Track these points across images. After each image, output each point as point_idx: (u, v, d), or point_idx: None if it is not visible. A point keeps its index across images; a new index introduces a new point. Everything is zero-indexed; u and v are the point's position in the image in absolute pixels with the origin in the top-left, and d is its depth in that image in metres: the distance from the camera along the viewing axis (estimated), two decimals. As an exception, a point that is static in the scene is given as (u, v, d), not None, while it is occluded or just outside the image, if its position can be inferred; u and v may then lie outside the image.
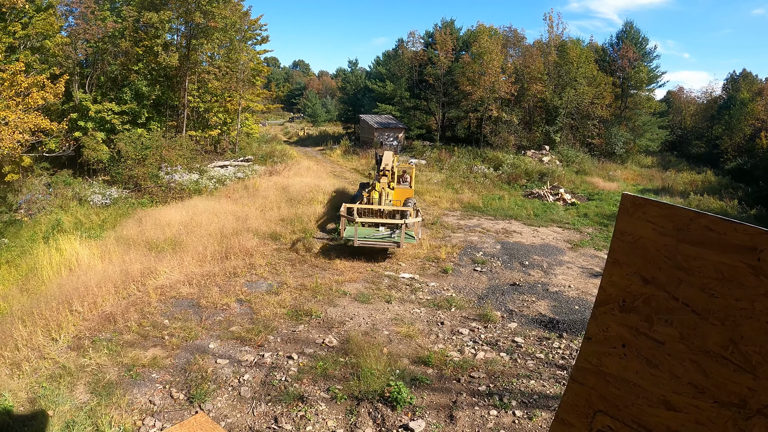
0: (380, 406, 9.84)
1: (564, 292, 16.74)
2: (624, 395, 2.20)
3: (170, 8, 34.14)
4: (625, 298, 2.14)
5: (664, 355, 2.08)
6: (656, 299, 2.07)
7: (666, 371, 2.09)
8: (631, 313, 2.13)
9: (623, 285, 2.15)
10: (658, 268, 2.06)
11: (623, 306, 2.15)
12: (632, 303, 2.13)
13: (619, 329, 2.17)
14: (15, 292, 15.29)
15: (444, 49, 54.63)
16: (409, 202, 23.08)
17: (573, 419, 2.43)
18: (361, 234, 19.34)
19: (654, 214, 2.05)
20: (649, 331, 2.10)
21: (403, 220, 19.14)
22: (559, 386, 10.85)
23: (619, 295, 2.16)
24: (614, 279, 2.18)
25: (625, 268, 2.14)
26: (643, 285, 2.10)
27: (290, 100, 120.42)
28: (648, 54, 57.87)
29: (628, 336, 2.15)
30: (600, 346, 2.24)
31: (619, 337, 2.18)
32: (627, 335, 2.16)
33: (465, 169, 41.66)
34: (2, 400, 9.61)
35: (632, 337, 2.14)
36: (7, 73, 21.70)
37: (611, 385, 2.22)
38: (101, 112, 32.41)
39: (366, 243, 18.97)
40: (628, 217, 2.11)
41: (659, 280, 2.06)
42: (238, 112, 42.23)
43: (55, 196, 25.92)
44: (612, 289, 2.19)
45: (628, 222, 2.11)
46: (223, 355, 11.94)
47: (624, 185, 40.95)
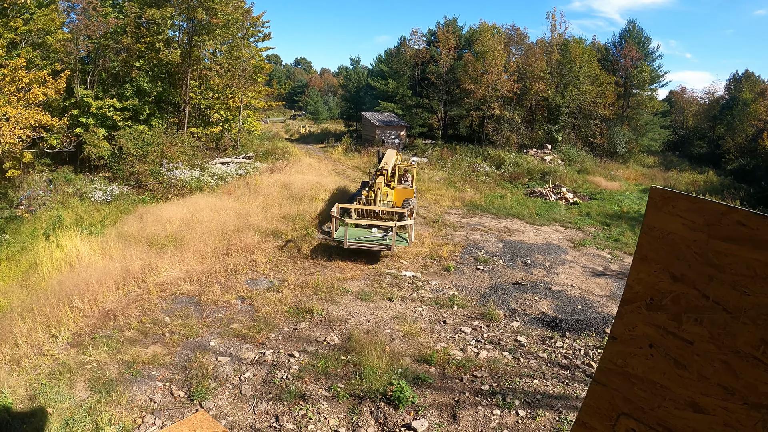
0: (382, 405, 9.76)
1: (566, 292, 16.66)
2: (650, 397, 2.11)
3: (172, 4, 34.06)
4: (653, 296, 2.05)
5: (693, 356, 1.99)
6: (685, 297, 1.98)
7: (694, 372, 2.00)
8: (658, 312, 2.04)
9: (651, 282, 2.05)
10: (688, 265, 1.96)
11: (651, 304, 2.06)
12: (660, 301, 2.03)
13: (646, 329, 2.08)
14: (15, 288, 15.21)
15: (446, 47, 54.52)
16: (409, 202, 22.67)
17: (595, 423, 2.32)
18: (354, 235, 19.19)
19: (684, 208, 1.96)
20: (678, 330, 2.01)
21: (394, 223, 18.89)
22: (562, 386, 10.78)
23: (646, 293, 2.06)
24: (642, 276, 2.08)
25: (653, 264, 2.04)
26: (672, 282, 2.00)
27: (292, 98, 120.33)
28: (650, 54, 57.72)
29: (655, 336, 2.06)
30: (625, 346, 2.15)
31: (646, 336, 2.09)
32: (654, 335, 2.06)
33: (467, 168, 41.58)
34: (1, 397, 9.54)
35: (660, 336, 2.05)
36: (9, 69, 21.66)
37: (636, 387, 2.13)
38: (102, 109, 32.32)
39: (357, 245, 18.72)
40: (657, 211, 2.01)
41: (689, 277, 1.97)
42: (240, 109, 42.14)
43: (56, 192, 25.84)
44: (639, 286, 2.09)
45: (657, 216, 2.01)
46: (224, 353, 11.86)
47: (626, 185, 40.84)
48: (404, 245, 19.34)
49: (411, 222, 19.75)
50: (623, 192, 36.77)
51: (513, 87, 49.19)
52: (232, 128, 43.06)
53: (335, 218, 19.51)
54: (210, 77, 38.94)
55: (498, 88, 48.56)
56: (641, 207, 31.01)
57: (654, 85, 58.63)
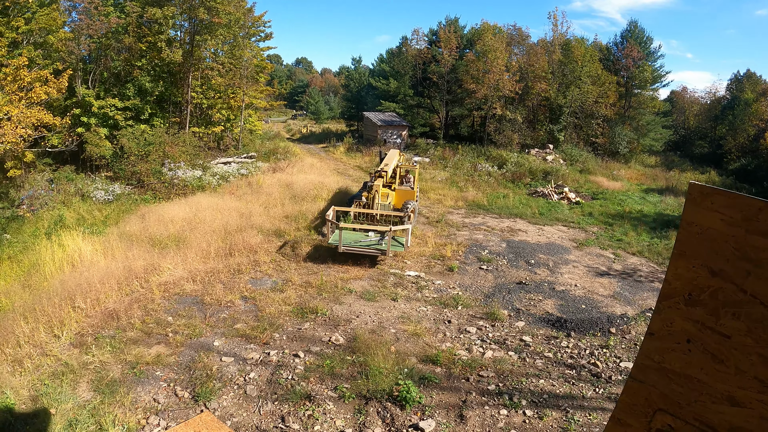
0: (389, 405, 9.70)
1: (570, 291, 16.62)
2: (687, 392, 2.12)
3: (174, 4, 33.98)
4: (692, 291, 2.04)
5: (730, 350, 1.99)
6: (723, 292, 1.98)
7: (732, 366, 2.00)
8: (696, 307, 2.04)
9: (689, 278, 2.04)
10: (726, 260, 1.96)
11: (689, 299, 2.05)
12: (698, 296, 2.03)
13: (684, 324, 2.08)
14: (17, 288, 15.16)
15: (448, 47, 54.46)
16: (409, 204, 22.23)
17: (631, 419, 2.33)
18: (349, 239, 19.00)
19: (722, 203, 1.95)
20: (716, 324, 2.01)
21: (389, 228, 18.46)
22: (569, 386, 10.73)
23: (684, 288, 2.06)
24: (680, 272, 2.08)
25: (691, 260, 2.04)
26: (710, 277, 2.00)
27: (293, 98, 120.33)
28: (652, 53, 57.66)
29: (693, 330, 2.06)
30: (663, 341, 2.14)
31: (684, 331, 2.09)
32: (692, 330, 2.06)
33: (469, 167, 41.55)
34: (4, 398, 9.48)
35: (697, 331, 2.05)
36: (10, 68, 21.61)
37: (673, 383, 2.14)
38: (104, 108, 32.25)
39: (351, 249, 18.35)
40: (696, 207, 2.00)
41: (727, 272, 1.96)
42: (242, 108, 42.10)
43: (58, 191, 25.78)
44: (677, 282, 2.08)
45: (696, 212, 2.00)
46: (228, 353, 11.82)
47: (628, 185, 40.81)
48: (400, 250, 18.91)
49: (408, 226, 19.33)
50: (625, 192, 36.72)
51: (515, 87, 49.13)
52: (234, 128, 43.01)
53: (330, 222, 19.29)
54: (212, 77, 38.86)
55: (500, 88, 48.50)
56: (643, 207, 31.04)
57: (655, 85, 58.60)
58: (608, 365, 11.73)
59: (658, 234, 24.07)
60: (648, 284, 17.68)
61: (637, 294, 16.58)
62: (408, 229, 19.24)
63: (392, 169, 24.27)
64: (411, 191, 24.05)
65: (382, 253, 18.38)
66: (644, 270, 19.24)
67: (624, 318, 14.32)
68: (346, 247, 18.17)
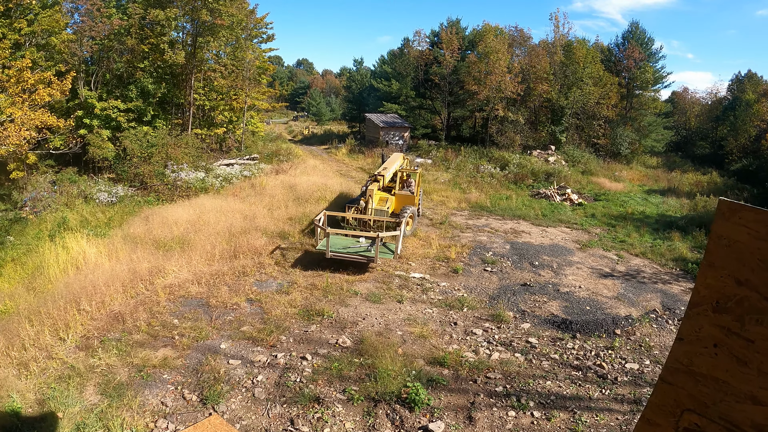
0: (398, 407, 9.74)
1: (575, 293, 16.64)
2: (713, 393, 2.25)
3: (176, 6, 34.02)
4: (719, 299, 2.20)
5: (754, 353, 2.11)
6: (748, 300, 2.11)
7: (754, 368, 2.12)
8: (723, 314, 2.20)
9: (717, 287, 2.20)
10: (752, 271, 2.08)
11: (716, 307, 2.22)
12: (725, 304, 2.18)
13: (712, 329, 2.24)
14: (21, 290, 15.19)
15: (450, 48, 54.51)
16: (407, 210, 21.60)
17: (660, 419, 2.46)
18: (339, 244, 18.58)
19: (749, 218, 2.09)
20: (741, 330, 2.14)
21: (377, 234, 17.64)
22: (575, 387, 10.76)
23: (713, 296, 2.22)
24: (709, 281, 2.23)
25: (719, 270, 2.18)
26: (736, 287, 2.14)
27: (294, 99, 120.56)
28: (653, 54, 57.78)
29: (719, 336, 2.21)
30: (692, 346, 2.31)
31: (711, 336, 2.24)
32: (719, 335, 2.21)
33: (471, 169, 41.59)
34: (10, 402, 9.49)
35: (724, 336, 2.19)
36: (13, 70, 21.66)
37: (701, 384, 2.29)
38: (107, 110, 32.33)
39: (339, 255, 17.79)
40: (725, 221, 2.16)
41: (752, 282, 2.09)
42: (244, 110, 42.15)
43: (61, 193, 25.83)
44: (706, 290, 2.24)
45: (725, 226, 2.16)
46: (235, 356, 11.84)
47: (630, 186, 40.87)
48: (389, 257, 18.29)
49: (397, 232, 18.69)
50: (627, 193, 36.77)
51: (516, 88, 49.14)
52: (236, 129, 43.08)
53: (318, 227, 18.64)
54: (214, 78, 38.92)
55: (501, 89, 48.51)
56: (645, 208, 31.09)
57: (657, 86, 58.70)
58: (614, 366, 11.76)
59: (661, 235, 24.12)
60: (651, 285, 17.71)
61: (640, 295, 16.61)
62: (398, 236, 18.68)
63: (392, 173, 23.97)
64: (411, 196, 23.39)
65: (371, 261, 17.75)
66: (647, 271, 19.27)
67: (628, 319, 14.36)
68: (334, 253, 17.77)
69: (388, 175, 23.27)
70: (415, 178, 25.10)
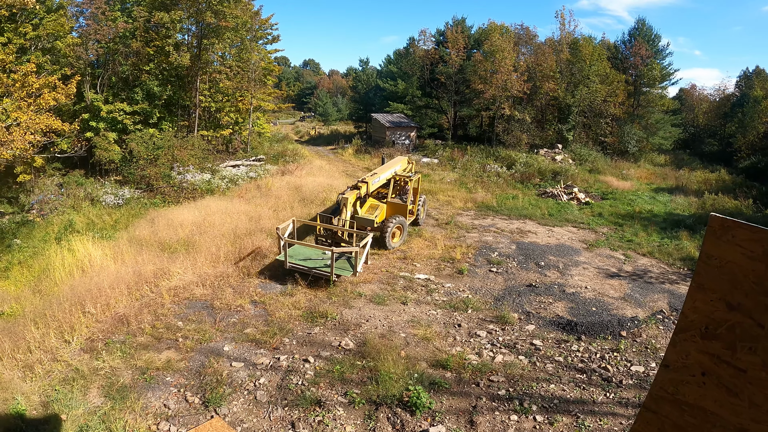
0: (399, 410, 9.69)
1: (581, 294, 16.52)
2: (700, 424, 2.12)
3: (181, 8, 34.10)
4: (708, 324, 2.04)
5: (745, 383, 1.98)
6: (741, 326, 1.98)
7: (746, 400, 1.98)
8: (713, 340, 2.04)
9: (707, 311, 2.04)
10: (745, 294, 1.95)
11: (705, 333, 2.06)
12: (715, 330, 2.03)
13: (700, 357, 2.08)
14: (27, 293, 15.28)
15: (455, 47, 54.33)
16: (392, 221, 20.24)
17: None
18: (303, 254, 17.50)
19: (743, 237, 1.94)
20: (732, 358, 2.01)
21: (332, 248, 16.38)
22: (579, 390, 10.68)
23: (702, 321, 2.06)
24: (698, 305, 2.07)
25: (709, 293, 2.03)
26: (727, 311, 1.99)
27: (301, 100, 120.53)
28: (660, 51, 57.32)
29: (708, 364, 2.06)
30: (678, 374, 2.14)
31: (699, 364, 2.09)
32: (707, 363, 2.06)
33: (478, 168, 41.47)
34: (15, 404, 9.55)
35: (713, 364, 2.05)
36: (19, 74, 21.69)
37: (687, 414, 2.13)
38: (113, 113, 32.43)
39: (297, 267, 16.76)
40: (716, 240, 1.99)
41: (745, 307, 1.96)
42: (250, 111, 42.17)
43: (67, 196, 25.94)
44: (695, 315, 2.08)
45: (716, 245, 1.99)
46: (238, 358, 11.84)
47: (638, 184, 40.58)
48: (347, 274, 16.66)
49: (354, 248, 16.98)
50: (635, 191, 36.50)
51: (523, 87, 48.91)
52: (243, 131, 43.11)
53: (279, 237, 17.52)
54: (220, 80, 38.96)
55: (508, 88, 48.30)
56: (653, 207, 30.88)
57: (664, 83, 58.24)
58: (619, 369, 11.66)
59: (669, 234, 23.91)
60: (659, 285, 17.57)
61: (647, 296, 16.47)
62: (359, 251, 16.97)
63: (384, 178, 21.93)
64: (403, 205, 21.73)
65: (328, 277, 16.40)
66: (655, 271, 19.12)
67: (635, 321, 14.25)
68: (293, 264, 16.79)
69: (377, 181, 21.20)
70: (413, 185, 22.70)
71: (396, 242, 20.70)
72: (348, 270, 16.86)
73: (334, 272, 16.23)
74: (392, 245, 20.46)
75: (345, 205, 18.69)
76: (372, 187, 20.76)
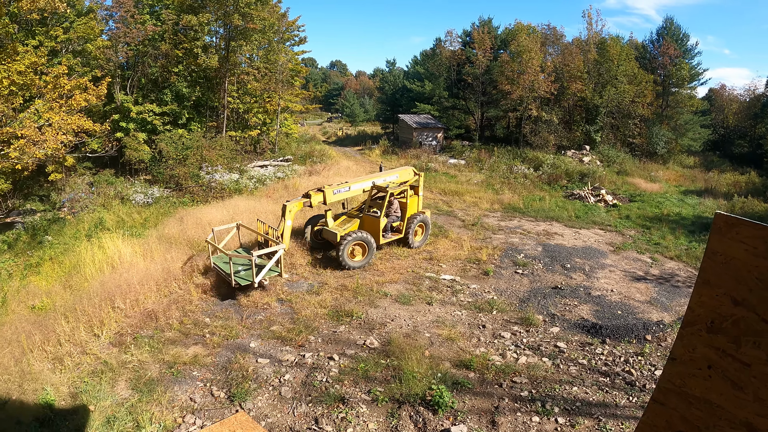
0: (422, 409, 9.75)
1: (606, 297, 16.40)
2: (706, 417, 2.15)
3: (209, 11, 34.51)
4: (714, 319, 2.08)
5: (750, 378, 2.01)
6: (745, 321, 2.01)
7: (750, 393, 2.01)
8: (718, 335, 2.07)
9: (712, 306, 2.08)
10: (749, 290, 1.99)
11: (711, 327, 2.09)
12: (720, 324, 2.07)
13: (706, 350, 2.12)
14: (58, 288, 15.57)
15: (482, 47, 54.19)
16: (348, 236, 18.02)
17: None
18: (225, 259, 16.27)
19: (748, 234, 1.98)
20: (736, 352, 2.04)
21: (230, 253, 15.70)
22: (602, 393, 10.62)
23: (707, 315, 2.10)
24: (703, 300, 2.11)
25: (715, 288, 2.07)
26: (732, 306, 2.03)
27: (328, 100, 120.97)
28: (689, 51, 56.49)
29: (714, 357, 2.10)
30: (685, 367, 2.18)
31: (705, 358, 2.12)
32: (713, 356, 2.10)
33: (505, 170, 41.30)
34: (44, 394, 9.81)
35: (718, 358, 2.09)
36: (50, 76, 22.19)
37: (693, 407, 2.17)
38: (142, 113, 32.97)
39: (217, 268, 16.25)
40: (721, 237, 2.04)
41: (749, 302, 1.99)
42: (278, 112, 42.46)
43: (98, 195, 26.41)
44: (701, 309, 2.12)
45: (721, 242, 2.04)
46: (264, 355, 12.00)
47: (666, 186, 40.07)
48: (244, 283, 15.34)
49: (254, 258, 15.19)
50: (663, 194, 36.02)
51: (550, 87, 48.61)
52: (270, 131, 43.44)
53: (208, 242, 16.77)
54: (247, 81, 39.34)
55: (535, 89, 48.04)
56: (682, 209, 30.49)
57: (693, 83, 57.31)
58: (643, 373, 11.58)
59: (697, 237, 23.59)
60: (686, 290, 17.36)
61: (674, 300, 16.29)
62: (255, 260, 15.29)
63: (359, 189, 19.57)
64: (374, 221, 19.25)
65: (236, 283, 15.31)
66: (682, 275, 18.91)
67: (660, 325, 14.12)
68: (216, 266, 16.31)
69: (341, 192, 18.84)
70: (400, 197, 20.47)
71: (356, 261, 18.33)
72: (245, 280, 15.40)
73: (235, 279, 15.13)
74: (354, 265, 18.17)
75: (284, 213, 17.16)
76: (332, 197, 18.48)
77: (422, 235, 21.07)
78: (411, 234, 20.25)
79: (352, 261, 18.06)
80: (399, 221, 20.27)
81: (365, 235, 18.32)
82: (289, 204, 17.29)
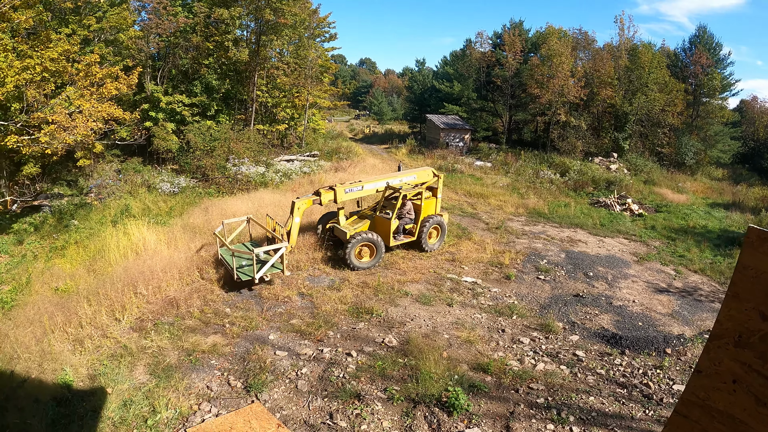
0: (436, 410, 9.73)
1: (628, 307, 16.22)
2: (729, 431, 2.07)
3: (241, 5, 34.77)
4: (742, 333, 2.05)
5: None
6: None
7: None
8: (745, 349, 2.05)
9: (741, 320, 2.05)
10: None
11: (738, 341, 2.07)
12: (748, 339, 2.04)
13: (732, 364, 2.09)
14: (82, 271, 15.80)
15: (512, 50, 53.97)
16: (356, 237, 17.68)
17: None
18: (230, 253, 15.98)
19: None
20: (762, 368, 2.01)
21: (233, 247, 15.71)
22: (619, 405, 10.51)
23: (735, 329, 2.07)
24: (732, 313, 2.09)
25: (744, 302, 2.05)
26: (761, 321, 2.01)
27: (356, 98, 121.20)
28: (721, 60, 55.73)
29: (739, 372, 2.07)
30: (710, 380, 2.16)
31: (731, 372, 2.10)
32: (739, 371, 2.07)
33: (531, 174, 41.07)
34: (63, 374, 9.97)
35: (744, 373, 2.06)
36: (83, 64, 22.47)
37: (716, 421, 2.15)
38: (172, 104, 33.29)
39: (223, 260, 16.36)
40: (753, 251, 2.01)
41: None
42: (306, 107, 42.63)
43: (125, 182, 26.71)
44: (729, 323, 2.10)
45: (753, 256, 2.01)
46: (283, 347, 12.07)
47: (693, 198, 39.59)
48: (244, 278, 15.14)
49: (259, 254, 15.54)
50: (690, 205, 35.55)
51: (580, 92, 48.27)
52: (298, 126, 43.65)
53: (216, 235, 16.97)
54: (277, 76, 39.56)
55: (564, 94, 47.73)
56: (708, 222, 30.05)
57: (725, 94, 56.56)
58: (660, 387, 11.44)
59: (722, 252, 23.22)
60: (708, 304, 17.11)
61: (696, 314, 16.06)
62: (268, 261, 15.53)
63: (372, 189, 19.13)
64: (386, 222, 18.86)
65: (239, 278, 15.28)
66: (705, 289, 18.64)
67: (681, 339, 13.94)
68: (222, 257, 16.42)
69: (353, 191, 18.48)
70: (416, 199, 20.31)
71: (365, 263, 18.06)
72: (246, 276, 15.27)
73: (237, 273, 15.22)
74: (361, 265, 17.90)
75: (292, 210, 17.16)
76: (343, 196, 18.13)
77: (437, 238, 20.56)
78: (425, 236, 19.79)
79: (358, 262, 17.83)
80: (412, 224, 19.81)
81: (374, 237, 18.07)
82: (297, 201, 17.22)
